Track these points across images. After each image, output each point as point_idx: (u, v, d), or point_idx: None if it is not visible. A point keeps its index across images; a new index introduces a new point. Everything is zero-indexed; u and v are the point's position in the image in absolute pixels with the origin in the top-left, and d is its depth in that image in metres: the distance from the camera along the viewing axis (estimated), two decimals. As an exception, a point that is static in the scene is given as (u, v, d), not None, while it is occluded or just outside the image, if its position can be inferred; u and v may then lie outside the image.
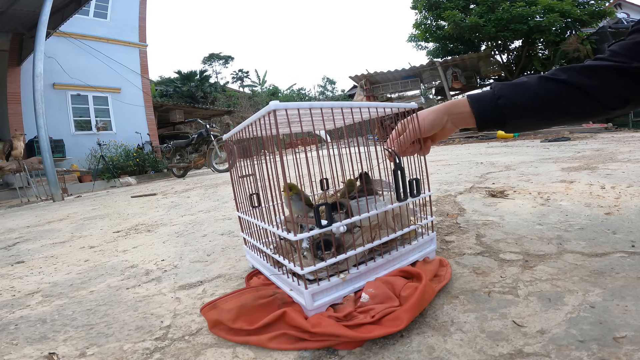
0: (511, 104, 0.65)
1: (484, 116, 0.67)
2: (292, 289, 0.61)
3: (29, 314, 0.75)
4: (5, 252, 1.46)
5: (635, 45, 0.58)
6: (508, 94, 0.65)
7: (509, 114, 0.65)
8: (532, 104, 0.64)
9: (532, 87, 0.64)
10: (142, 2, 10.51)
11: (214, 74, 25.13)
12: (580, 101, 0.62)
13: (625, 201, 1.06)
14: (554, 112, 0.64)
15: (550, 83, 0.63)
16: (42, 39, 4.78)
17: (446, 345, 0.47)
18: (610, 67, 0.59)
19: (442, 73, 10.03)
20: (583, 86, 0.61)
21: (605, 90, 0.60)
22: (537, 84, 0.64)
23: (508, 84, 0.67)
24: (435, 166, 2.62)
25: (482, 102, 0.67)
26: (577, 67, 0.62)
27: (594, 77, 0.60)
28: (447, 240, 0.91)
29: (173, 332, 0.60)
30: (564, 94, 0.62)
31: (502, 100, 0.65)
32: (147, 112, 10.40)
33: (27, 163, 5.21)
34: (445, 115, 0.70)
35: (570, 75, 0.62)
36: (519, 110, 0.65)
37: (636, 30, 0.59)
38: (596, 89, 0.60)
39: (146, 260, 1.07)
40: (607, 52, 0.62)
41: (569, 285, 0.59)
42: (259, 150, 0.66)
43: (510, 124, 0.67)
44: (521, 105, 0.65)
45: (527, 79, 0.66)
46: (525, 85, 0.65)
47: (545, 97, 0.63)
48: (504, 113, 0.66)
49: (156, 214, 2.06)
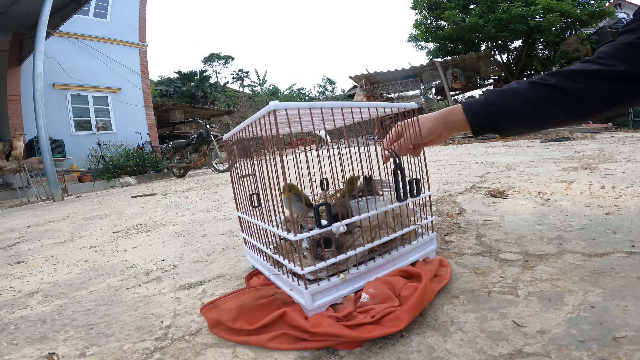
0: (502, 111, 0.67)
1: (478, 123, 0.70)
2: (292, 289, 0.61)
3: (29, 314, 0.75)
4: (5, 252, 1.46)
5: (624, 47, 0.58)
6: (499, 101, 0.67)
7: (501, 120, 0.67)
8: (522, 110, 0.66)
9: (522, 93, 0.66)
10: (142, 2, 10.51)
11: (214, 74, 25.15)
12: (569, 105, 0.63)
13: (625, 201, 1.06)
14: (543, 116, 0.65)
15: (538, 88, 0.65)
16: (42, 39, 4.78)
17: (446, 345, 0.47)
18: (597, 72, 0.60)
19: (442, 73, 10.02)
20: (571, 90, 0.62)
21: (593, 93, 0.61)
22: (525, 90, 0.66)
23: (499, 91, 0.69)
24: (435, 166, 2.62)
25: (475, 109, 0.70)
26: (565, 72, 0.63)
27: (581, 81, 0.61)
28: (447, 240, 0.91)
29: (173, 332, 0.60)
30: (553, 99, 0.63)
31: (493, 107, 0.67)
32: (147, 112, 10.40)
33: (27, 163, 5.21)
34: (442, 123, 0.73)
35: (558, 80, 0.63)
36: (510, 116, 0.67)
37: (626, 31, 0.59)
38: (584, 92, 0.61)
39: (146, 260, 1.07)
40: (596, 54, 0.62)
41: (569, 285, 0.59)
42: (259, 150, 0.66)
43: (503, 130, 0.69)
44: (512, 111, 0.66)
45: (517, 84, 0.68)
46: (515, 91, 0.67)
47: (533, 102, 0.64)
48: (496, 120, 0.68)
49: (156, 214, 2.06)
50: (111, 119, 9.74)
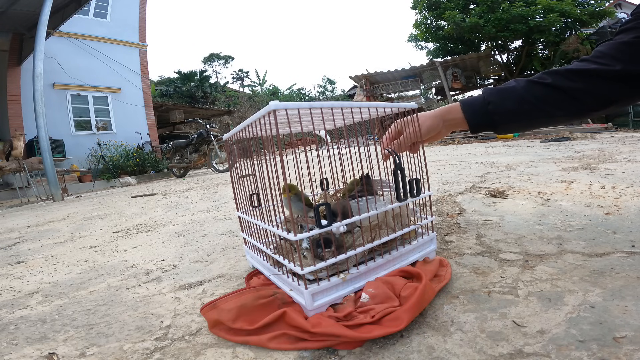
0: (500, 109, 0.67)
1: (476, 121, 0.70)
2: (292, 289, 0.61)
3: (29, 314, 0.75)
4: (5, 252, 1.46)
5: (621, 46, 0.58)
6: (497, 99, 0.68)
7: (499, 119, 0.68)
8: (519, 108, 0.66)
9: (519, 92, 0.66)
10: (142, 2, 10.51)
11: (214, 74, 25.15)
12: (566, 104, 0.63)
13: (625, 201, 1.06)
14: (541, 115, 0.66)
15: (536, 87, 0.65)
16: (42, 39, 4.78)
17: (446, 345, 0.47)
18: (594, 71, 0.60)
19: (442, 73, 10.02)
20: (568, 89, 0.62)
21: (590, 92, 0.61)
22: (523, 88, 0.66)
23: (496, 89, 0.69)
24: (435, 166, 2.62)
25: (473, 108, 0.70)
26: (562, 71, 0.63)
27: (578, 80, 0.61)
28: (447, 240, 0.91)
29: (173, 332, 0.60)
30: (550, 97, 0.64)
31: (491, 105, 0.68)
32: (147, 112, 10.40)
33: (27, 163, 5.21)
34: (440, 120, 0.73)
35: (555, 79, 0.63)
36: (507, 115, 0.67)
37: (623, 31, 0.59)
38: (581, 91, 0.61)
39: (146, 260, 1.07)
40: (593, 53, 0.62)
41: (569, 285, 0.59)
42: (259, 150, 0.66)
43: (501, 128, 0.69)
44: (510, 109, 0.67)
45: (515, 82, 0.68)
46: (512, 90, 0.67)
47: (531, 100, 0.65)
48: (494, 119, 0.68)
49: (156, 214, 2.06)
50: (111, 119, 9.74)
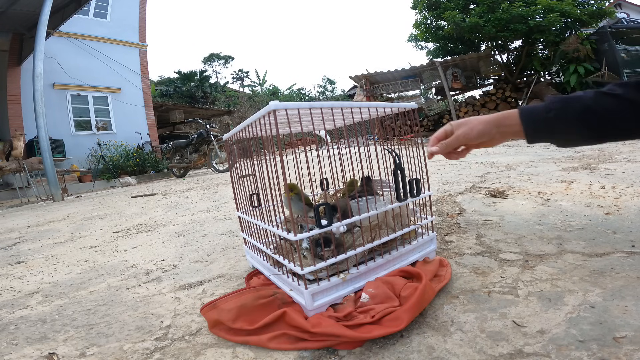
0: (562, 118, 0.63)
1: (535, 129, 0.65)
2: (292, 289, 0.61)
3: (29, 314, 0.75)
4: (5, 252, 1.46)
5: None
6: (559, 107, 0.63)
7: (559, 128, 0.63)
8: (583, 117, 0.62)
9: (585, 101, 0.62)
10: (142, 2, 10.51)
11: (214, 74, 25.13)
12: (634, 117, 0.59)
13: (625, 201, 1.06)
14: (606, 126, 0.61)
15: (604, 98, 0.61)
16: (42, 39, 4.78)
17: (446, 345, 0.47)
18: None
19: (442, 73, 10.01)
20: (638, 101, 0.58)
21: None
22: (590, 99, 0.62)
23: (561, 97, 0.65)
24: (435, 166, 2.62)
25: (533, 115, 0.65)
26: (633, 82, 0.60)
27: None
28: (447, 240, 0.91)
29: (173, 332, 0.60)
30: (618, 109, 0.59)
31: (553, 113, 0.63)
32: (147, 112, 10.40)
33: (27, 163, 5.21)
34: (494, 127, 0.68)
35: (625, 90, 0.59)
36: (569, 124, 0.63)
37: None
38: None
39: (146, 260, 1.07)
40: None
41: (569, 285, 0.59)
42: (259, 150, 0.66)
43: (560, 137, 0.65)
44: (572, 119, 0.62)
45: (582, 93, 0.64)
46: (578, 99, 0.63)
47: (597, 110, 0.61)
48: (555, 128, 0.63)
49: (156, 214, 2.06)
50: (111, 119, 9.74)
